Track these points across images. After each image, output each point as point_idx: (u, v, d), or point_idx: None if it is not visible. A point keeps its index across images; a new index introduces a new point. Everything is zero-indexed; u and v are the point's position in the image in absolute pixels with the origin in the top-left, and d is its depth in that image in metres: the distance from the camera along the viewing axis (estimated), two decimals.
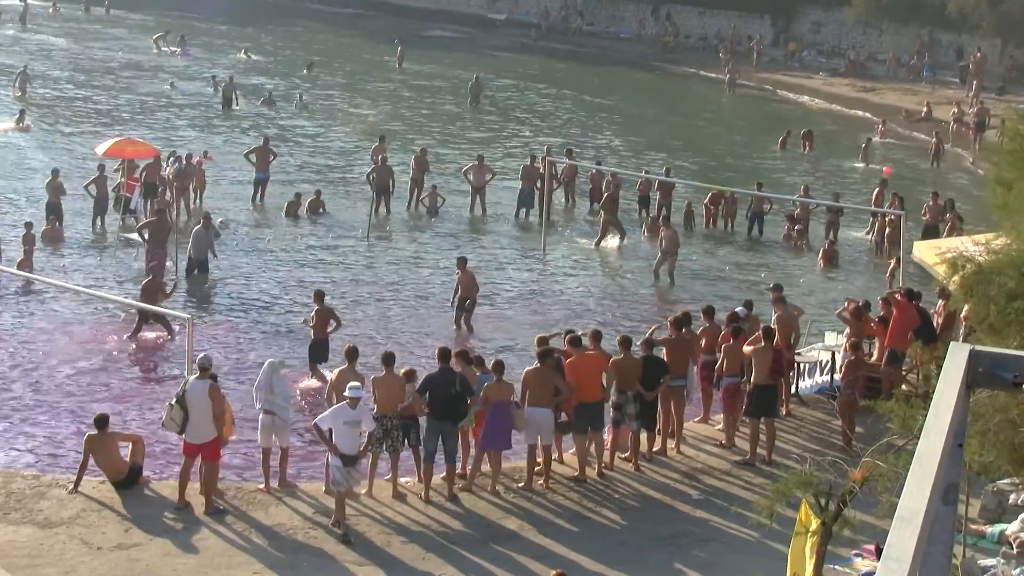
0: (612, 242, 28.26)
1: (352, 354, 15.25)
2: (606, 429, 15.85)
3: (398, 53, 55.47)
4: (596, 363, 15.63)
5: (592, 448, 15.65)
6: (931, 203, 29.19)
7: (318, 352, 18.82)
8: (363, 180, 31.46)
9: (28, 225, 24.28)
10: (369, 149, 33.89)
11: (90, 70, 49.12)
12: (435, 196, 30.33)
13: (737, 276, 26.59)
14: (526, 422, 14.94)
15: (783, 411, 17.58)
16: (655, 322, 20.04)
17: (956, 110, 46.17)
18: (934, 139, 41.50)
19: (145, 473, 14.76)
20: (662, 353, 16.39)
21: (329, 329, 18.78)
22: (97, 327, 20.91)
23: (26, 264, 22.71)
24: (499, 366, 15.18)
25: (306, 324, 19.27)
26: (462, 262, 22.01)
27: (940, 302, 18.87)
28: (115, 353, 19.75)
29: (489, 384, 14.91)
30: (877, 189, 31.02)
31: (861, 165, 39.64)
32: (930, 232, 27.80)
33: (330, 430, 13.75)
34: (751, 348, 16.29)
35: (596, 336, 16.08)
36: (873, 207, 29.98)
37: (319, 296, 19.35)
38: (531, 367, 15.40)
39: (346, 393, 13.78)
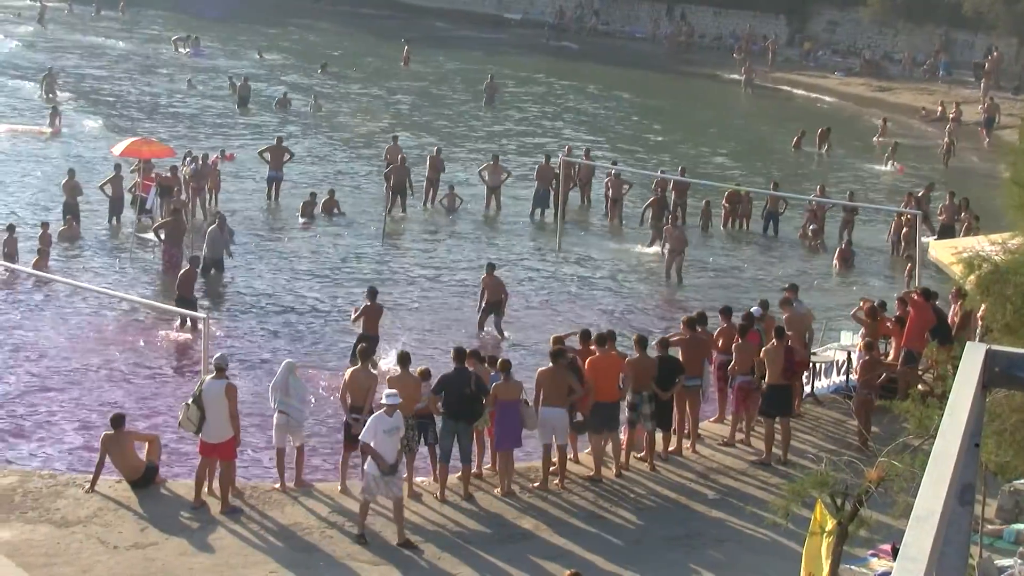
0: (652, 247, 27.99)
1: (365, 354, 15.29)
2: (621, 429, 15.85)
3: (404, 53, 55.49)
4: (614, 363, 15.63)
5: (608, 448, 15.65)
6: (947, 202, 29.07)
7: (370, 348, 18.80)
8: (380, 179, 31.49)
9: (44, 225, 24.39)
10: (381, 149, 33.95)
11: (109, 72, 49.20)
12: (453, 196, 30.36)
13: (753, 275, 26.53)
14: (536, 420, 14.94)
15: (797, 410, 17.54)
16: (669, 321, 20.00)
17: (956, 110, 46.17)
18: (945, 139, 41.37)
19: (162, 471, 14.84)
20: (677, 353, 16.39)
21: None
22: (113, 326, 21.00)
23: (41, 264, 22.80)
24: (506, 365, 15.15)
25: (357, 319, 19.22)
26: (490, 268, 21.97)
27: (954, 306, 18.75)
28: (130, 352, 19.81)
29: (497, 384, 14.90)
30: (921, 192, 30.42)
31: (887, 169, 39.15)
32: (946, 231, 27.70)
33: None
34: (764, 349, 16.30)
35: (611, 336, 16.09)
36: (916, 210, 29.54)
37: (372, 293, 19.38)
38: (544, 367, 15.40)
39: (383, 400, 13.72)
